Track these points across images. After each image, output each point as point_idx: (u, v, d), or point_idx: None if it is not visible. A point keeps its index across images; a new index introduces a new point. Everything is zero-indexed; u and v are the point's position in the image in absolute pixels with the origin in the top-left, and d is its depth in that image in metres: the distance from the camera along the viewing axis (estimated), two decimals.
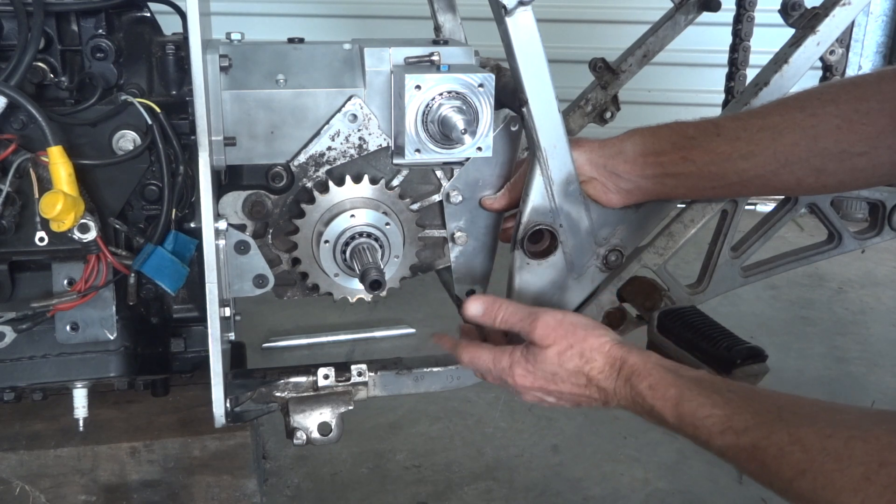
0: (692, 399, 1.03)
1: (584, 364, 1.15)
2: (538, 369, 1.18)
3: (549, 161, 1.28)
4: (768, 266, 1.60)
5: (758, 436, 0.94)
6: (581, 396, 1.18)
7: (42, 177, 1.17)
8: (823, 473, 0.87)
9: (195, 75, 1.09)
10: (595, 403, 1.17)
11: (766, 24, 2.13)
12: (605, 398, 1.15)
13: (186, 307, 1.43)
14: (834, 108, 1.20)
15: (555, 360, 1.17)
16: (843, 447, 0.87)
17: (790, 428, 0.92)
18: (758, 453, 0.94)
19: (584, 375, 1.15)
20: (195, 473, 1.64)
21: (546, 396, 1.21)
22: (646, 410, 1.09)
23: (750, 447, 0.95)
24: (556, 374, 1.17)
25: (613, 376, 1.14)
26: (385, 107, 1.30)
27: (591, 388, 1.16)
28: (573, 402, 1.20)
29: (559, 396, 1.20)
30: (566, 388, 1.17)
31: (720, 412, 1.00)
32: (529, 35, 1.21)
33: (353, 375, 1.34)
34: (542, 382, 1.19)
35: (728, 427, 0.98)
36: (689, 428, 1.03)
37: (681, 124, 1.31)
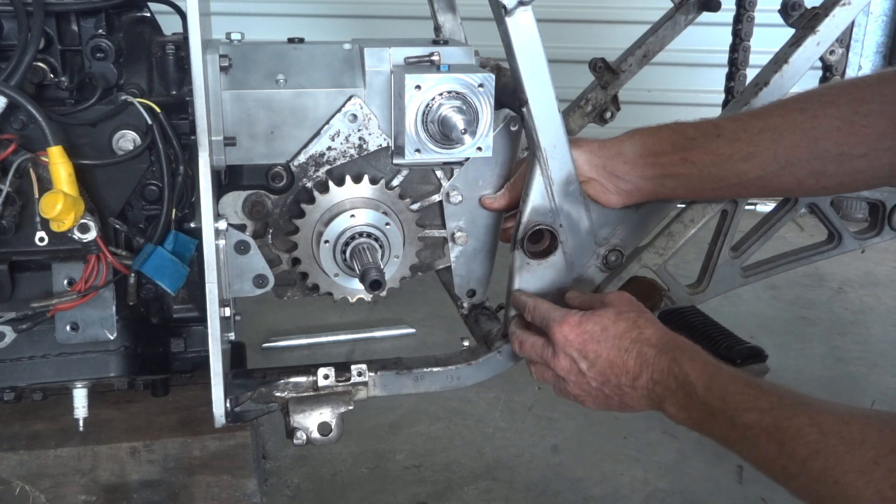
0: (727, 376, 1.07)
1: (635, 328, 1.17)
2: (591, 321, 1.19)
3: (549, 161, 1.28)
4: (768, 266, 1.60)
5: (780, 416, 0.98)
6: (615, 364, 1.17)
7: (42, 177, 1.17)
8: (835, 455, 0.90)
9: (195, 75, 1.09)
10: (623, 380, 1.16)
11: (766, 24, 2.13)
12: (639, 369, 1.15)
13: (186, 307, 1.43)
14: (834, 110, 1.20)
15: (610, 317, 1.19)
16: (858, 432, 0.90)
17: (811, 412, 0.96)
18: (777, 433, 0.97)
19: (631, 339, 1.17)
20: (195, 473, 1.64)
21: (581, 359, 1.19)
22: (677, 384, 1.11)
23: (771, 426, 0.98)
24: (605, 329, 1.18)
25: (658, 344, 1.15)
26: (385, 107, 1.30)
27: (631, 354, 1.16)
28: (602, 375, 1.18)
29: (594, 361, 1.18)
30: (606, 349, 1.17)
31: (751, 391, 1.03)
32: (529, 35, 1.21)
33: (353, 375, 1.34)
34: (585, 338, 1.19)
35: (755, 406, 1.01)
36: (717, 401, 1.05)
37: (681, 125, 1.31)
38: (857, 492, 0.87)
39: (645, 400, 1.17)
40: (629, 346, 1.16)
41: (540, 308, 1.27)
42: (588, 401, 1.24)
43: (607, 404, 1.22)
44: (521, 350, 1.30)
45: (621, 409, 1.23)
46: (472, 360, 1.41)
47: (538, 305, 1.28)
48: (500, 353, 1.40)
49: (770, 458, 0.98)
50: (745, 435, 1.01)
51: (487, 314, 1.48)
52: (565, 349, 1.21)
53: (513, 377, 2.28)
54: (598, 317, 1.19)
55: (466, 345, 1.44)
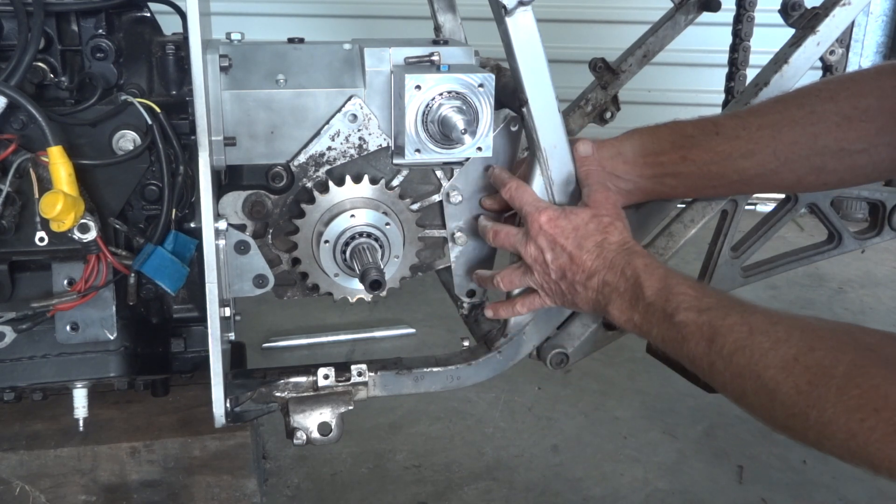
0: (676, 278, 1.13)
1: (603, 232, 1.21)
2: (565, 220, 1.22)
3: (549, 161, 1.28)
4: (768, 266, 1.60)
5: (716, 315, 1.04)
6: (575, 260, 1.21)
7: (42, 177, 1.17)
8: (759, 350, 0.97)
9: (195, 75, 1.09)
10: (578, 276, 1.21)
11: (766, 24, 2.13)
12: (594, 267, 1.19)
13: (186, 307, 1.43)
14: (833, 106, 1.20)
15: (585, 218, 1.22)
16: (783, 331, 0.96)
17: (745, 313, 1.02)
18: (710, 330, 1.03)
19: (596, 241, 1.20)
20: (195, 473, 1.64)
21: (549, 249, 1.23)
22: (627, 285, 1.16)
23: (706, 324, 1.04)
24: (577, 229, 1.21)
25: (617, 249, 1.19)
26: (385, 107, 1.30)
27: (591, 253, 1.20)
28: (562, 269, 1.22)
29: (558, 255, 1.22)
30: (572, 245, 1.21)
31: (693, 292, 1.09)
32: (529, 35, 1.21)
33: (353, 375, 1.34)
34: (556, 232, 1.22)
35: (694, 305, 1.07)
36: (662, 301, 1.10)
37: (680, 124, 1.31)
38: (776, 385, 0.93)
39: (592, 301, 1.21)
40: (592, 247, 1.20)
41: (522, 194, 1.27)
42: (548, 293, 1.27)
43: (562, 299, 1.26)
44: (494, 239, 1.31)
45: (572, 307, 1.28)
46: (472, 360, 1.40)
47: (521, 189, 1.28)
48: (500, 353, 1.40)
49: (700, 354, 1.04)
50: (681, 333, 1.06)
51: None
52: (537, 238, 1.24)
53: (513, 377, 2.29)
54: (575, 215, 1.22)
55: (466, 345, 1.44)
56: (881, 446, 0.84)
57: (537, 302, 1.30)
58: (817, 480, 1.96)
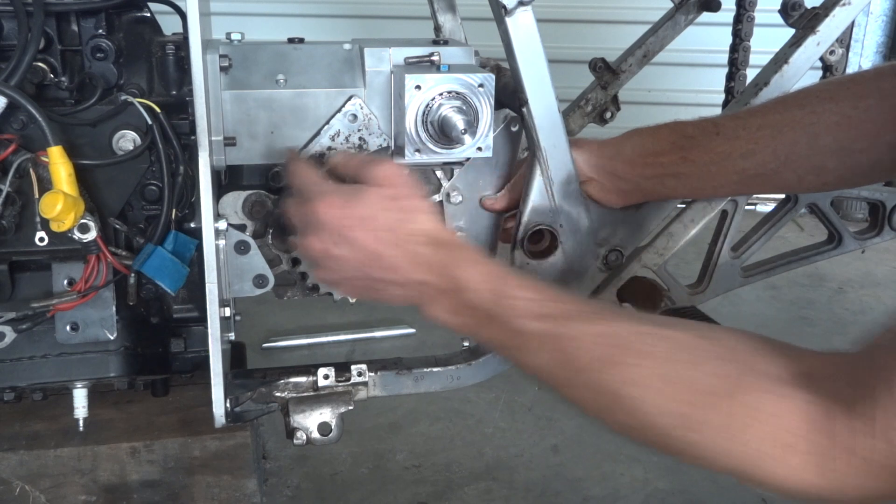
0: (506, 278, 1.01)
1: (407, 221, 1.05)
2: (351, 208, 1.04)
3: (549, 161, 1.28)
4: (768, 266, 1.60)
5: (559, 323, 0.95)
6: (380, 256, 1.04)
7: (42, 177, 1.17)
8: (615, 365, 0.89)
9: (195, 75, 1.09)
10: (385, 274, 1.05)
11: (766, 24, 2.13)
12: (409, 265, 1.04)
13: (186, 307, 1.43)
14: (833, 106, 1.20)
15: (374, 203, 1.04)
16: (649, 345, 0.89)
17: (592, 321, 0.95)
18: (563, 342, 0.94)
19: (396, 234, 1.04)
20: (195, 473, 1.64)
21: (339, 242, 1.05)
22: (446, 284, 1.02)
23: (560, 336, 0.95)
24: (367, 219, 1.04)
25: (432, 244, 1.04)
26: (385, 107, 1.30)
27: (401, 249, 1.04)
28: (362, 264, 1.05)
29: (354, 246, 1.04)
30: (368, 240, 1.03)
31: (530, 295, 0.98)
32: (529, 35, 1.21)
33: (353, 375, 1.34)
34: (345, 223, 1.04)
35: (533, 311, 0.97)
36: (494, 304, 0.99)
37: (680, 124, 1.31)
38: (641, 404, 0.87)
39: (405, 298, 1.07)
40: (398, 240, 1.04)
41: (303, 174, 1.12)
42: (344, 286, 1.14)
43: (366, 294, 1.12)
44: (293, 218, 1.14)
45: (380, 300, 1.11)
46: (472, 360, 1.40)
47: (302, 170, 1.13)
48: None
49: (551, 367, 0.95)
50: (528, 343, 0.97)
51: None
52: (320, 231, 1.06)
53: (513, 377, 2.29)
54: (361, 201, 1.05)
55: (466, 345, 1.44)
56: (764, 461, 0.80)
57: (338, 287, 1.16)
58: None
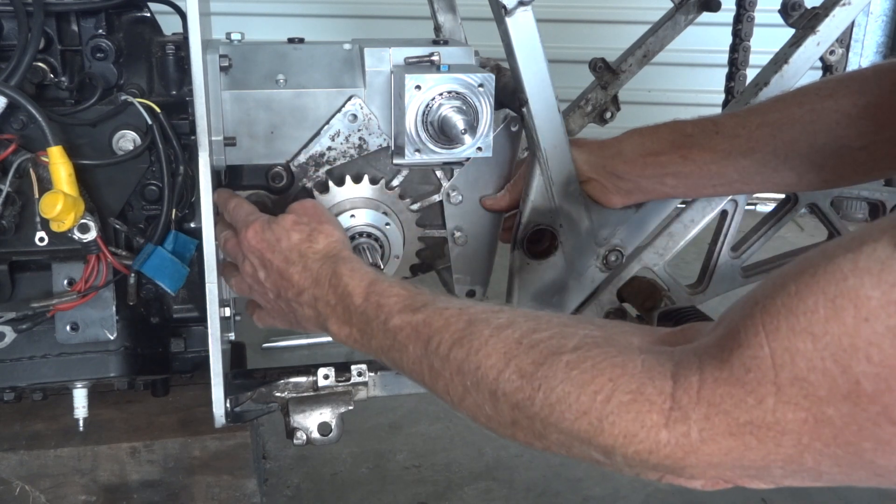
0: (384, 282, 1.02)
1: (307, 241, 1.11)
2: (269, 231, 1.12)
3: (549, 161, 1.28)
4: (768, 266, 1.60)
5: (430, 311, 0.93)
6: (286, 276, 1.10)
7: (42, 177, 1.17)
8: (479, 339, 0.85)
9: (195, 75, 1.09)
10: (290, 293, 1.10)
11: (766, 24, 2.13)
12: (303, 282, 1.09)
13: (186, 307, 1.43)
14: (832, 104, 1.20)
15: (287, 227, 1.12)
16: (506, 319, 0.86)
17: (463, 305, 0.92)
18: (426, 329, 0.92)
19: (299, 252, 1.10)
20: (195, 473, 1.64)
21: (259, 268, 1.13)
22: (336, 293, 1.04)
23: (421, 323, 0.93)
24: (279, 240, 1.11)
25: (322, 258, 1.09)
26: (385, 107, 1.30)
27: (297, 267, 1.09)
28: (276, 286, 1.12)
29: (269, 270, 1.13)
30: (278, 260, 1.11)
31: (404, 292, 0.98)
32: (529, 35, 1.21)
33: (353, 375, 1.34)
34: (263, 246, 1.12)
35: (407, 305, 0.96)
36: (373, 308, 0.99)
37: (679, 123, 1.31)
38: (497, 373, 0.82)
39: (313, 318, 1.10)
40: (296, 258, 1.10)
41: (238, 210, 1.19)
42: (272, 313, 1.19)
43: (286, 319, 1.17)
44: (223, 248, 1.20)
45: (299, 328, 1.17)
46: None
47: (238, 206, 1.20)
48: None
49: (417, 358, 0.92)
50: (396, 339, 0.95)
51: None
52: (249, 255, 1.14)
53: None
54: (278, 225, 1.12)
55: None
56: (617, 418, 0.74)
57: (268, 319, 1.22)
58: None
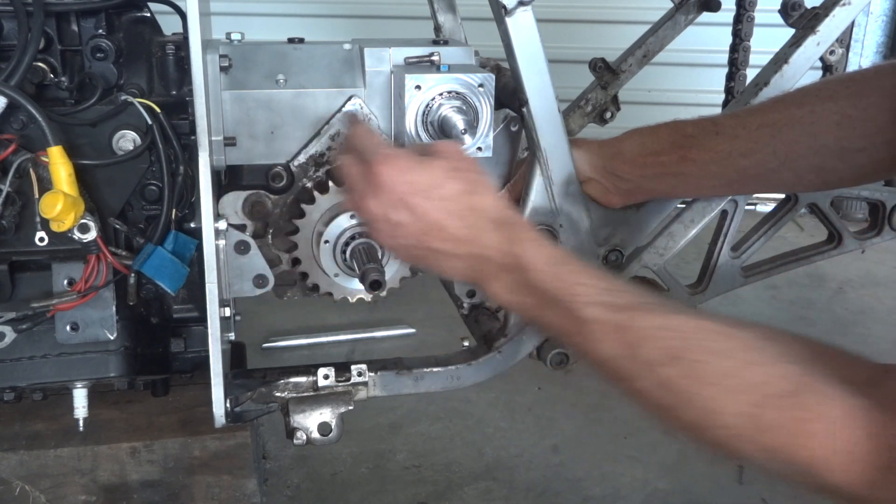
0: (575, 263, 0.99)
1: (472, 193, 1.03)
2: (419, 173, 1.02)
3: (549, 161, 1.28)
4: (768, 266, 1.60)
5: (631, 315, 0.92)
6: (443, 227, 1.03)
7: (42, 177, 1.17)
8: (689, 363, 0.87)
9: (195, 75, 1.09)
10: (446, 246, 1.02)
11: (766, 24, 2.13)
12: (469, 237, 1.02)
13: (186, 307, 1.43)
14: (833, 105, 1.20)
15: (440, 174, 1.03)
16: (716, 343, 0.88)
17: (666, 315, 0.92)
18: (628, 333, 0.91)
19: (466, 206, 1.02)
20: (195, 473, 1.64)
21: (401, 210, 1.03)
22: (508, 261, 1.00)
23: (623, 325, 0.92)
24: (433, 187, 1.02)
25: (495, 220, 1.02)
26: (385, 107, 1.30)
27: (464, 220, 1.02)
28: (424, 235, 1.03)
29: (417, 217, 1.03)
30: (432, 209, 1.02)
31: (601, 284, 0.97)
32: (529, 35, 1.21)
33: (353, 375, 1.34)
34: (407, 188, 1.02)
35: (604, 301, 0.95)
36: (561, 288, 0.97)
37: (680, 123, 1.31)
38: (714, 404, 0.85)
39: (462, 271, 1.06)
40: (462, 211, 1.02)
41: (365, 137, 1.11)
42: (398, 251, 1.13)
43: (421, 262, 1.11)
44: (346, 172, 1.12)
45: (435, 271, 1.10)
46: (472, 360, 1.40)
47: (366, 133, 1.13)
48: (500, 353, 1.40)
49: (611, 356, 0.93)
50: (588, 328, 0.94)
51: (487, 314, 1.48)
52: (381, 192, 1.04)
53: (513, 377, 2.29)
54: (429, 168, 1.03)
55: (466, 345, 1.44)
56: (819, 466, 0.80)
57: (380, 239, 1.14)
58: None
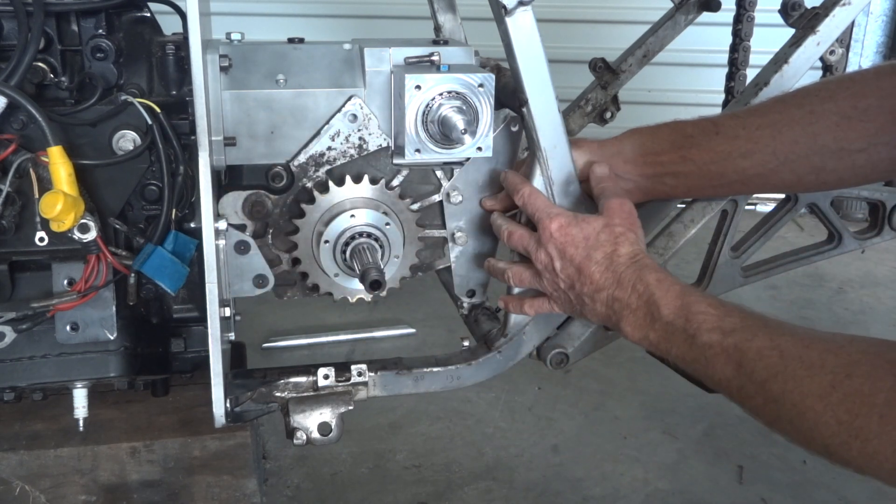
0: (693, 296, 1.10)
1: (614, 244, 1.18)
2: (578, 226, 1.20)
3: (549, 161, 1.28)
4: (768, 266, 1.60)
5: (742, 337, 1.01)
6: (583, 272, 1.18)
7: (42, 177, 1.17)
8: (794, 378, 0.94)
9: (195, 75, 1.09)
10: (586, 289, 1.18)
11: (766, 24, 2.13)
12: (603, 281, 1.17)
13: (186, 307, 1.43)
14: (832, 106, 1.20)
15: (597, 228, 1.19)
16: (817, 357, 0.94)
17: (773, 335, 0.99)
18: (737, 354, 1.00)
19: (605, 253, 1.18)
20: (195, 473, 1.64)
21: (557, 257, 1.21)
22: (640, 301, 1.13)
23: (732, 347, 1.01)
24: (587, 238, 1.19)
25: (627, 263, 1.16)
26: (385, 107, 1.30)
27: (600, 266, 1.17)
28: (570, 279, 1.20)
29: (567, 263, 1.20)
30: (581, 257, 1.18)
31: (714, 311, 1.06)
32: (529, 35, 1.21)
33: (353, 375, 1.34)
34: (567, 240, 1.20)
35: (717, 326, 1.04)
36: (681, 320, 1.08)
37: (680, 123, 1.31)
38: (815, 415, 0.91)
39: (602, 315, 1.19)
40: (601, 258, 1.18)
41: (535, 200, 1.26)
42: (557, 301, 1.26)
43: (570, 308, 1.25)
44: (508, 240, 1.29)
45: (580, 317, 1.28)
46: (472, 360, 1.40)
47: (534, 195, 1.27)
48: (499, 353, 1.40)
49: (728, 377, 1.01)
50: (704, 354, 1.04)
51: (487, 314, 1.48)
52: (547, 245, 1.22)
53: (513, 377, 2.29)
54: (587, 224, 1.20)
55: (466, 345, 1.44)
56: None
57: (545, 306, 1.29)
58: (817, 480, 1.96)
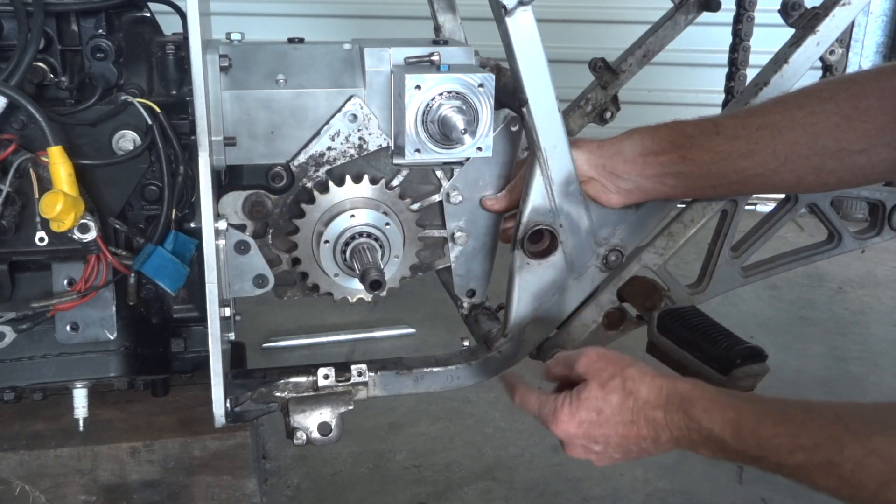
0: (751, 418, 1.01)
1: (629, 396, 1.09)
2: (582, 408, 1.11)
3: (549, 161, 1.28)
4: (768, 266, 1.60)
5: (831, 451, 0.94)
6: (628, 436, 1.10)
7: (42, 177, 1.17)
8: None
9: (195, 75, 1.09)
10: (644, 444, 1.09)
11: (766, 24, 2.13)
12: (655, 432, 1.08)
13: (186, 307, 1.43)
14: (833, 106, 1.20)
15: (598, 394, 1.10)
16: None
17: (861, 439, 0.92)
18: (834, 469, 0.93)
19: (630, 409, 1.09)
20: (195, 473, 1.64)
21: (592, 444, 1.12)
22: (702, 438, 1.04)
23: (825, 463, 0.94)
24: (601, 411, 1.10)
25: (662, 404, 1.07)
26: (385, 107, 1.30)
27: (639, 423, 1.09)
28: (621, 447, 1.11)
29: (606, 442, 1.11)
30: (612, 428, 1.10)
31: (784, 430, 0.98)
32: (529, 35, 1.21)
33: (353, 375, 1.34)
34: (586, 427, 1.11)
35: (798, 446, 0.97)
36: (754, 449, 1.00)
37: (680, 123, 1.31)
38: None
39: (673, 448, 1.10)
40: (633, 417, 1.09)
41: (528, 402, 1.19)
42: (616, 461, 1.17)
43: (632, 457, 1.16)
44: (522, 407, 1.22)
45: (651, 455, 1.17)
46: (472, 360, 1.41)
47: (526, 398, 1.20)
48: (500, 353, 1.40)
49: (834, 490, 0.95)
50: (798, 472, 0.98)
51: (487, 314, 1.48)
52: (573, 442, 1.14)
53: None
54: (587, 400, 1.11)
55: (466, 345, 1.44)
56: None
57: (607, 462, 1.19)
58: None
